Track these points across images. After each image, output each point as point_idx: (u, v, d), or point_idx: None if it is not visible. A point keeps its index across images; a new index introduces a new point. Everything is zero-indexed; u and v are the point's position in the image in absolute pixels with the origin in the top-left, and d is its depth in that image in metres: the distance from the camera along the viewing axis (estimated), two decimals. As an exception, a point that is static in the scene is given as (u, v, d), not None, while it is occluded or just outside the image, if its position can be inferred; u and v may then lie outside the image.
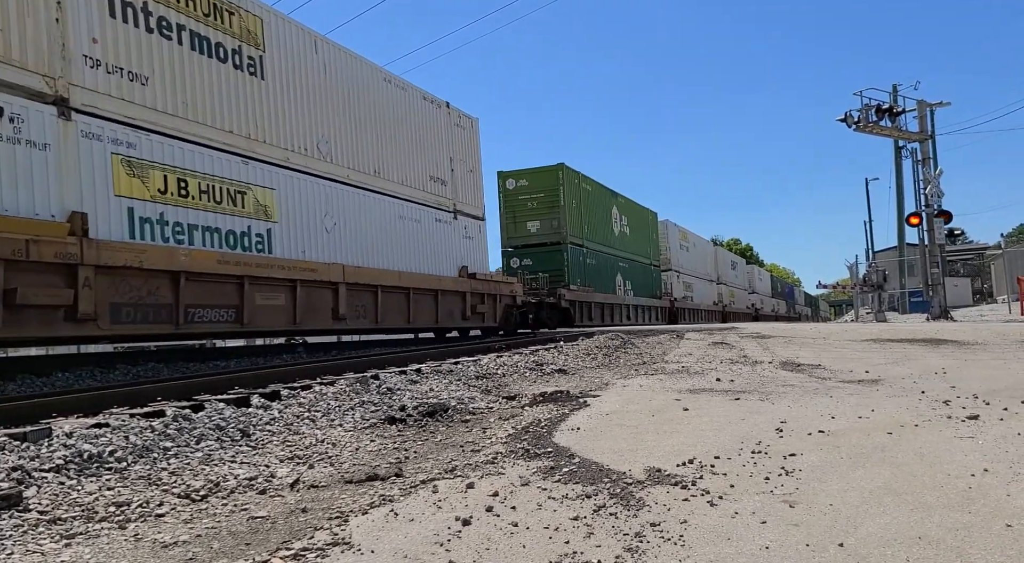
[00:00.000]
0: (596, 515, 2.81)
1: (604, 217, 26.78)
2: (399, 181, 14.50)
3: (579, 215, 24.13)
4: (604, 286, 25.65)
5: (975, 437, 3.95)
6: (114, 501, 3.22)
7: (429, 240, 15.25)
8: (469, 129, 17.75)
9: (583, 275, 23.86)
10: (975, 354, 9.19)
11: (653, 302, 31.08)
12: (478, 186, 18.06)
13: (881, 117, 21.26)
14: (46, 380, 8.75)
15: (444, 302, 15.21)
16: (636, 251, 29.95)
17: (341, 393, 6.28)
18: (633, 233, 29.86)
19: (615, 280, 27.12)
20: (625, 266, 28.42)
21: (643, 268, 30.80)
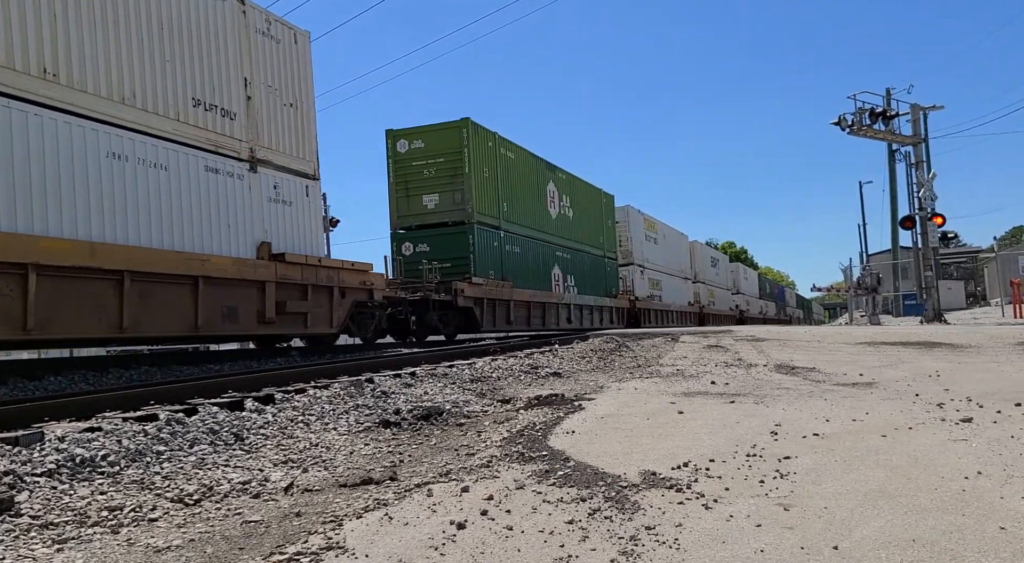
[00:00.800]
0: (591, 518, 2.80)
1: (535, 195, 21.54)
2: (119, 97, 9.18)
3: (494, 189, 18.88)
4: (533, 280, 20.75)
5: (969, 440, 3.96)
6: (107, 505, 3.20)
7: (188, 198, 10.06)
8: (289, 45, 12.23)
9: (499, 265, 18.80)
10: (969, 357, 9.22)
11: (606, 302, 26.06)
12: (306, 131, 12.60)
13: (875, 121, 21.33)
14: (38, 384, 8.71)
15: (214, 296, 10.15)
16: (583, 240, 24.89)
17: (335, 396, 6.27)
18: (579, 218, 24.81)
19: (550, 273, 22.09)
20: (566, 257, 23.33)
21: (594, 261, 25.86)
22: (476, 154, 18.14)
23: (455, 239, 17.82)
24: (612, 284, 27.55)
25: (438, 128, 18.20)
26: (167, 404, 5.63)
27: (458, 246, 17.73)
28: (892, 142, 26.37)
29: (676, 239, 37.43)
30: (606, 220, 27.84)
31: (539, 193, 21.91)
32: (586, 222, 25.58)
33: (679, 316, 35.30)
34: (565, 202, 23.71)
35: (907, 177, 29.79)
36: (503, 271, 18.98)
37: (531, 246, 21.06)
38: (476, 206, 17.97)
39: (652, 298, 31.68)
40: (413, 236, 18.36)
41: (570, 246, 23.76)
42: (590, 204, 26.12)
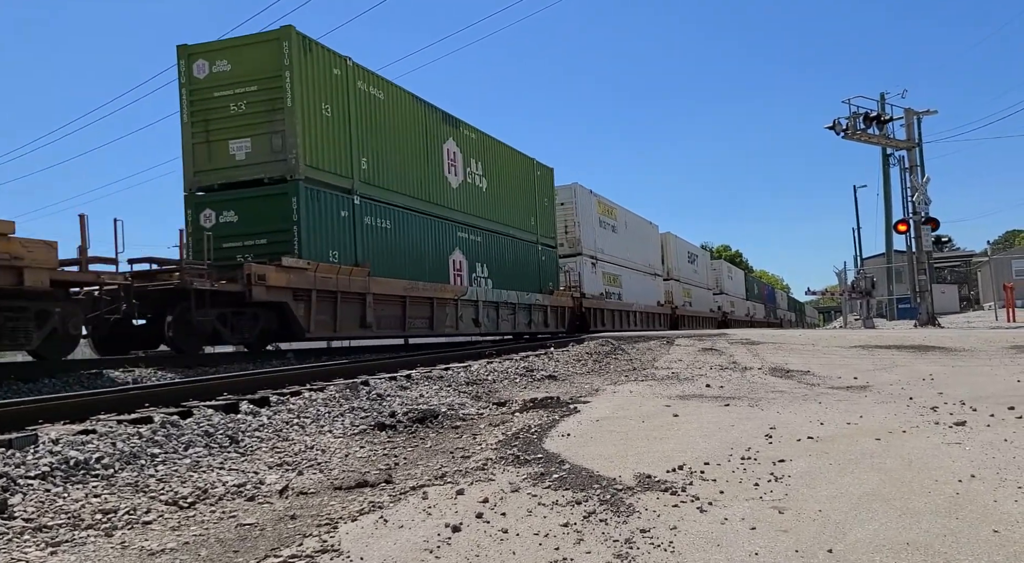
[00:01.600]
0: (586, 521, 2.81)
1: (421, 154, 15.59)
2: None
3: (343, 136, 13.20)
4: (415, 268, 14.90)
5: (962, 443, 3.97)
6: (101, 508, 3.19)
7: None
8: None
9: (351, 245, 13.10)
10: (962, 360, 9.26)
11: (538, 299, 20.10)
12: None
13: (869, 125, 21.44)
14: (32, 386, 8.67)
15: None
16: (505, 220, 19.09)
17: (331, 399, 6.26)
18: (499, 192, 18.92)
19: (447, 261, 16.20)
20: (474, 240, 17.46)
21: (521, 248, 19.98)
22: (309, 82, 12.47)
23: (271, 204, 12.04)
24: (549, 278, 21.65)
25: (250, 41, 12.50)
26: (162, 406, 5.61)
27: (276, 213, 11.93)
28: (886, 146, 26.49)
29: (643, 229, 31.75)
30: (541, 198, 21.62)
31: (430, 153, 15.83)
32: (509, 198, 19.46)
33: (644, 318, 30.03)
34: (475, 169, 17.72)
35: (901, 181, 29.89)
36: (359, 253, 13.12)
37: (414, 222, 15.04)
38: (305, 156, 12.11)
39: (608, 296, 25.91)
40: (216, 200, 12.47)
41: (482, 226, 17.79)
42: (516, 176, 20.00)
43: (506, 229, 19.37)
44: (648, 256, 32.10)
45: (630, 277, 29.03)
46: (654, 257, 33.06)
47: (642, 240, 31.38)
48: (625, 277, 28.35)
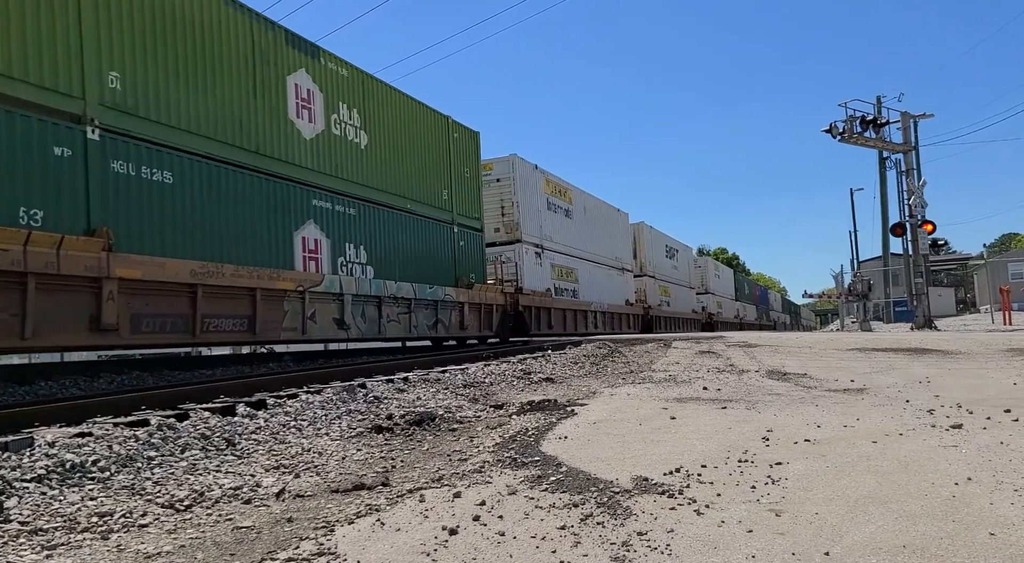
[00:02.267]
0: (583, 524, 2.81)
1: (244, 83, 11.13)
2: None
3: (71, 27, 8.61)
4: (234, 246, 10.52)
5: (959, 446, 3.98)
6: (96, 511, 3.19)
7: None
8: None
9: (77, 200, 8.52)
10: (959, 363, 9.27)
11: (450, 295, 15.56)
12: None
13: (865, 128, 21.48)
14: (28, 389, 8.65)
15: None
16: (399, 190, 14.58)
17: (328, 402, 6.25)
18: (388, 153, 14.50)
19: (293, 238, 11.68)
20: (345, 214, 12.98)
21: (426, 229, 15.41)
22: None
23: None
24: (471, 268, 17.04)
25: None
26: (158, 409, 5.60)
27: None
28: (883, 150, 26.56)
29: (608, 216, 27.56)
30: (459, 167, 17.02)
31: (263, 85, 11.33)
32: (407, 163, 14.94)
33: (607, 319, 25.78)
34: (346, 118, 13.25)
35: (898, 184, 30.01)
36: (95, 215, 8.66)
37: (223, 179, 10.45)
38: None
39: (558, 293, 21.84)
40: None
41: (359, 196, 13.33)
42: (420, 136, 15.55)
43: (400, 202, 14.52)
44: (615, 248, 27.82)
45: (590, 271, 24.71)
46: (623, 250, 28.80)
47: (607, 229, 27.18)
48: (583, 271, 24.07)
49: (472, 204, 17.67)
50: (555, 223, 22.57)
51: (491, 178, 19.64)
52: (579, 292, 23.63)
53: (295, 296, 11.33)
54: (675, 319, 34.62)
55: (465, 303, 16.21)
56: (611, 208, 28.16)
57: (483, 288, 17.12)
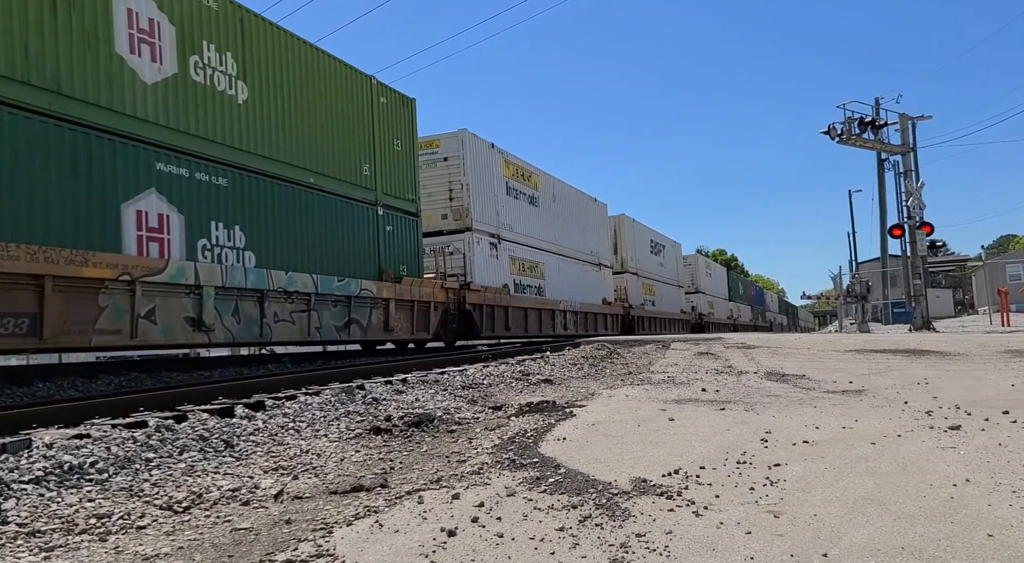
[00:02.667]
0: (582, 526, 2.81)
1: None
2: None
3: None
4: (28, 220, 7.67)
5: (957, 447, 3.98)
6: (95, 513, 3.18)
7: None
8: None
9: None
10: (957, 365, 9.28)
11: (369, 290, 12.75)
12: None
13: (864, 130, 21.49)
14: (27, 390, 8.64)
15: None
16: (298, 160, 11.77)
17: (326, 403, 6.25)
18: (281, 113, 11.59)
19: (121, 212, 8.77)
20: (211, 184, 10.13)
21: (338, 210, 12.59)
22: None
23: None
24: (402, 259, 14.19)
25: None
26: (157, 411, 5.60)
27: None
28: (881, 151, 26.59)
29: (582, 207, 24.97)
30: (387, 138, 14.10)
31: (68, 4, 8.43)
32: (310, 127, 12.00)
33: (580, 319, 23.05)
34: (213, 62, 10.44)
35: (896, 186, 30.05)
36: None
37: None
38: None
39: (520, 289, 19.23)
40: None
41: (233, 163, 10.46)
42: (326, 96, 12.52)
43: (299, 174, 11.58)
44: (591, 242, 25.26)
45: (559, 266, 22.22)
46: (601, 244, 26.29)
47: (581, 221, 24.56)
48: (551, 266, 21.57)
49: (404, 183, 14.58)
50: (516, 211, 19.67)
51: (437, 156, 17.04)
52: (545, 289, 21.01)
53: (118, 288, 8.39)
54: (660, 320, 31.97)
55: (391, 300, 13.19)
56: (587, 197, 25.39)
57: (417, 282, 14.17)
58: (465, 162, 17.13)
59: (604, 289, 26.06)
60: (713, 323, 41.31)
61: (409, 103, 15.12)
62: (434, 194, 16.89)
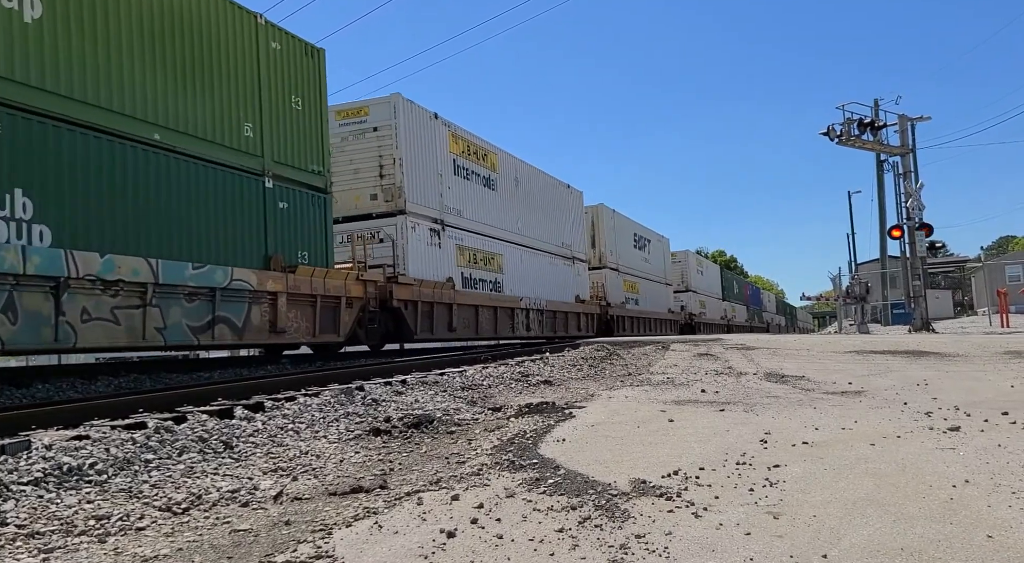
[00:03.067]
0: (581, 527, 2.80)
1: None
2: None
3: None
4: None
5: (956, 448, 3.98)
6: (94, 514, 3.18)
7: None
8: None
9: None
10: (956, 366, 9.28)
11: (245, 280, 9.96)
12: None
13: (863, 131, 21.51)
14: (26, 392, 8.64)
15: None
16: (132, 108, 8.81)
17: (326, 404, 6.25)
18: (107, 42, 8.56)
19: None
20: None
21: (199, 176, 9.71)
22: None
23: None
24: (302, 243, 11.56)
25: None
26: (156, 412, 5.60)
27: None
28: (880, 152, 26.60)
29: (552, 194, 22.31)
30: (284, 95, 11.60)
31: None
32: (156, 69, 9.35)
33: (545, 319, 20.43)
34: None
35: (895, 187, 30.06)
36: None
37: None
38: None
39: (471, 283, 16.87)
40: None
41: (9, 101, 7.47)
42: (182, 32, 9.82)
43: (140, 129, 8.94)
44: (563, 234, 22.59)
45: (522, 259, 19.58)
46: (574, 236, 23.64)
47: (550, 209, 21.80)
48: (512, 258, 19.02)
49: (307, 151, 11.85)
50: (467, 193, 17.15)
51: (366, 126, 14.79)
52: (504, 284, 18.42)
53: None
54: (644, 320, 29.16)
55: (280, 293, 10.59)
56: (558, 183, 22.64)
57: (320, 273, 11.48)
58: (398, 133, 14.60)
59: (578, 285, 23.49)
60: (705, 324, 39.22)
61: (316, 54, 12.29)
62: (361, 170, 14.71)
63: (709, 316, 41.22)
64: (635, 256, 29.97)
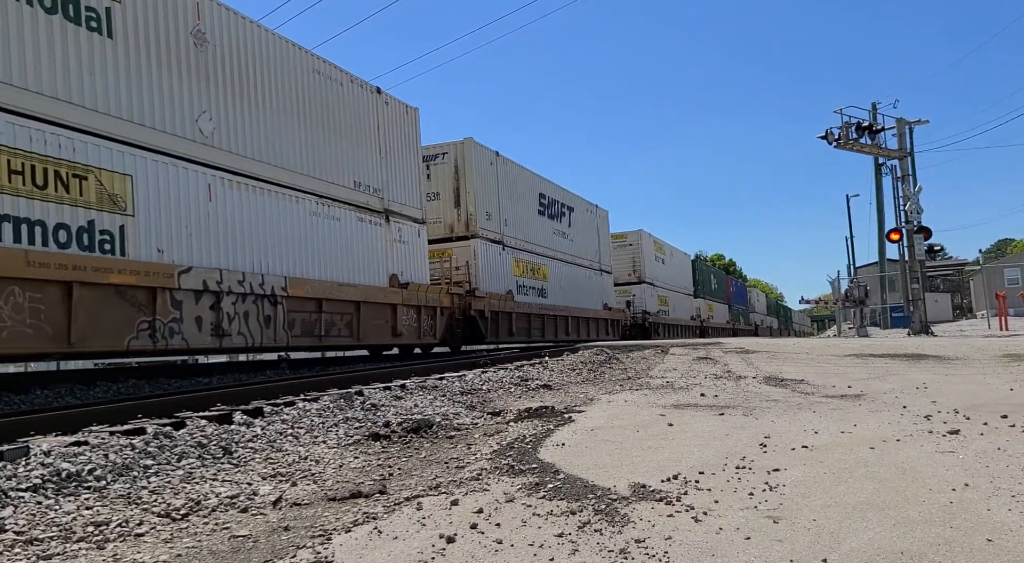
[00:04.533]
0: (581, 532, 2.80)
1: None
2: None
3: None
4: None
5: (956, 452, 3.98)
6: (93, 521, 3.17)
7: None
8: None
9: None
10: (956, 369, 9.28)
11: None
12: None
13: (861, 135, 21.53)
14: (24, 398, 8.62)
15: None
16: None
17: (325, 409, 6.24)
18: None
19: None
20: None
21: None
22: None
23: None
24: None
25: None
26: (155, 417, 5.59)
27: None
28: (878, 156, 26.64)
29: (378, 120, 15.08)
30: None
31: None
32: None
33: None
34: None
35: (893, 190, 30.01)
36: None
37: None
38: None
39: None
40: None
41: None
42: None
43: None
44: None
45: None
46: (413, 192, 15.57)
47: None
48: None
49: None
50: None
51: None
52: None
53: None
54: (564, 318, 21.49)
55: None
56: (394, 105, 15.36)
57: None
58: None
59: (397, 264, 14.97)
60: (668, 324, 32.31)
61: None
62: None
63: (674, 315, 34.48)
64: (540, 226, 21.50)
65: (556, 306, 20.67)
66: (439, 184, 18.03)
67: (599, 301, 24.62)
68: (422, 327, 15.07)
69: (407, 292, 14.45)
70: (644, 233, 32.55)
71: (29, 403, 8.20)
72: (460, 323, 16.45)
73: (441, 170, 18.02)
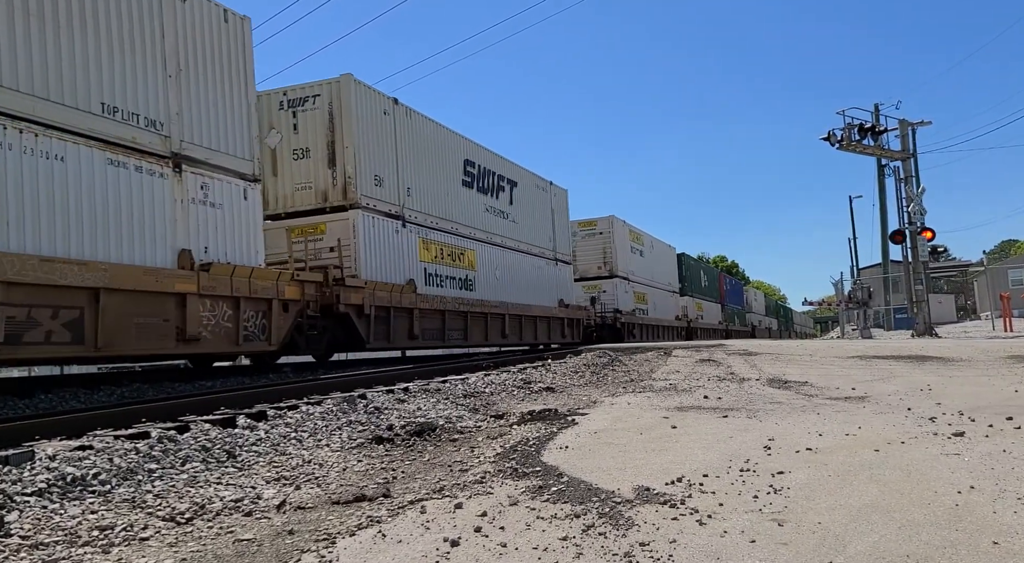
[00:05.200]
0: (585, 535, 2.80)
1: None
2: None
3: None
4: None
5: (961, 454, 3.97)
6: (97, 525, 3.18)
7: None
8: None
9: None
10: (960, 371, 9.26)
11: None
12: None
13: (863, 136, 21.49)
14: (29, 402, 8.64)
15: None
16: None
17: (328, 413, 6.24)
18: None
19: None
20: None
21: None
22: None
23: None
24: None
25: None
26: (159, 421, 5.59)
27: None
28: (881, 157, 26.60)
29: None
30: None
31: None
32: None
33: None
34: None
35: (897, 192, 29.92)
36: None
37: None
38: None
39: None
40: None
41: None
42: None
43: None
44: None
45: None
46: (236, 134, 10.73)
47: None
48: None
49: None
50: None
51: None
52: None
53: None
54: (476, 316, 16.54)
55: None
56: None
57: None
58: None
59: None
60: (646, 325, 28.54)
61: None
62: None
63: (655, 314, 30.79)
64: (465, 201, 17.31)
65: (487, 302, 15.86)
66: (309, 138, 13.32)
67: (553, 297, 20.27)
68: (243, 328, 10.09)
69: (208, 276, 9.46)
70: (616, 219, 27.98)
71: (34, 407, 8.22)
72: (322, 323, 11.96)
73: (311, 118, 13.30)
